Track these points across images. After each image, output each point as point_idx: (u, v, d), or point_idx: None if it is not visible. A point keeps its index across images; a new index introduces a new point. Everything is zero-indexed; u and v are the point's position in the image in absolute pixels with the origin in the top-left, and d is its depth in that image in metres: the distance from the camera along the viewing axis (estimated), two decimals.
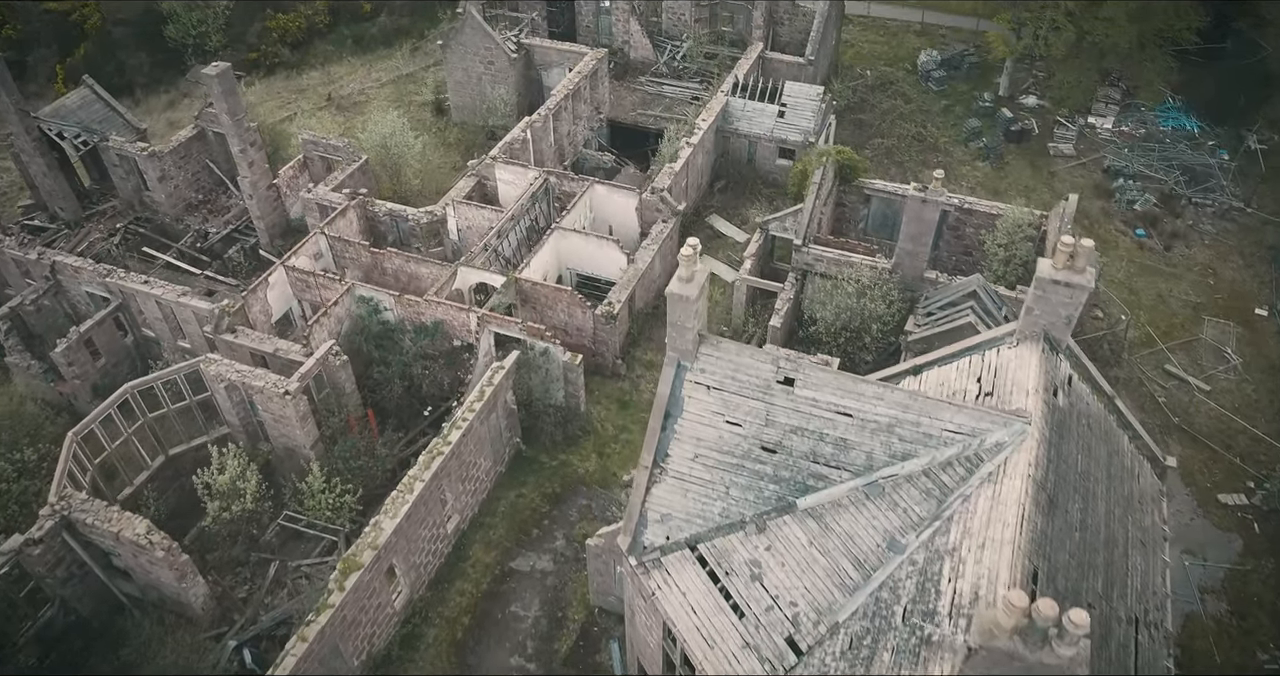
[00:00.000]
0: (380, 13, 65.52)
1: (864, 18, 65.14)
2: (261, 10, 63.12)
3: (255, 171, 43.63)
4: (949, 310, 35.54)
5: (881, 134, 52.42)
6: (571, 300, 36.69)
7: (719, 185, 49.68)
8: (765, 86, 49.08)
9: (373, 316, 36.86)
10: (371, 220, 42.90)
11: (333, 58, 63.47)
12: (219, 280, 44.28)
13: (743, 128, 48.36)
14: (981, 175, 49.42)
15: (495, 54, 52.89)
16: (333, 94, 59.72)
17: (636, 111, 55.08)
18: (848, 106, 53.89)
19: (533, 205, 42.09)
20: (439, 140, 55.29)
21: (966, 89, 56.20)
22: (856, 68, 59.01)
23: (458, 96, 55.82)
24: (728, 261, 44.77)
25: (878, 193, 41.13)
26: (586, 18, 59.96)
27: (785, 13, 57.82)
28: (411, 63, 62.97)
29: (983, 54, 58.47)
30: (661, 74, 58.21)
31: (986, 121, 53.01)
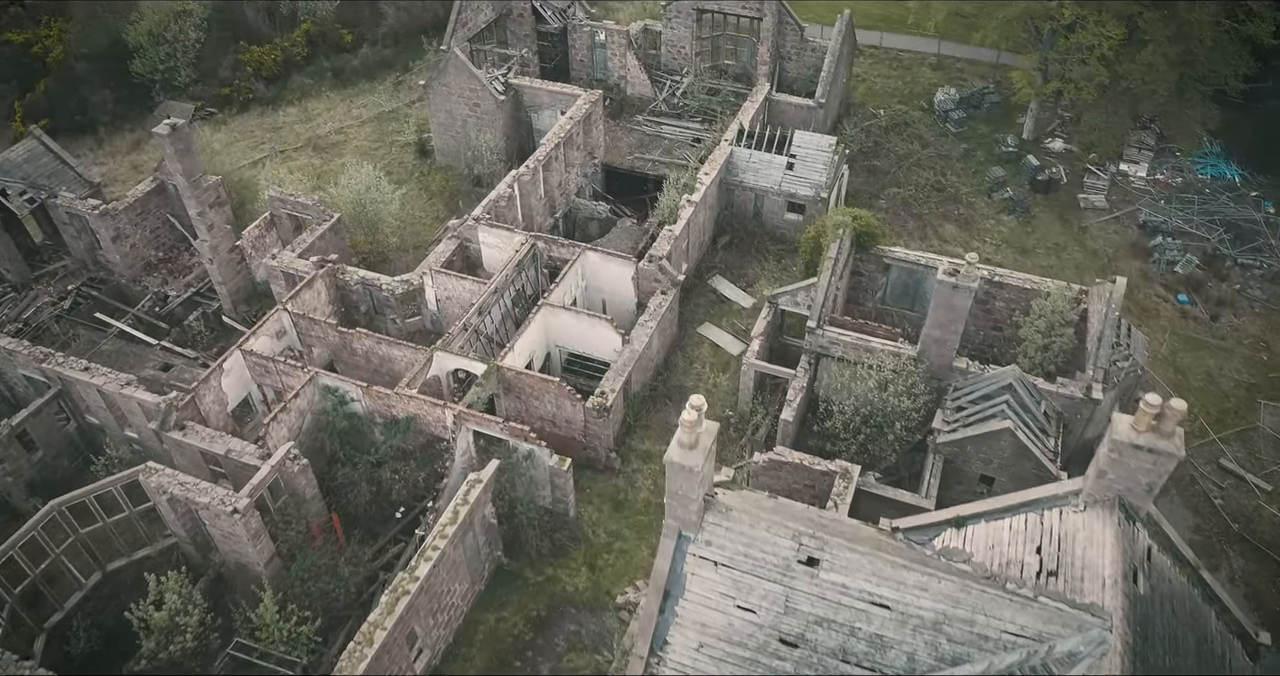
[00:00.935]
0: (362, 44, 61.70)
1: (875, 49, 61.31)
2: (234, 43, 59.28)
3: (216, 234, 39.82)
4: (982, 405, 31.78)
5: (897, 182, 48.61)
6: (560, 392, 32.90)
7: (723, 241, 45.87)
8: (773, 135, 45.30)
9: (339, 409, 33.08)
10: (343, 289, 39.11)
11: (311, 92, 59.64)
12: (176, 351, 40.46)
13: (748, 180, 44.57)
14: (1007, 231, 45.61)
15: (481, 96, 49.08)
16: (311, 136, 55.90)
17: (634, 155, 51.30)
18: (860, 151, 50.07)
19: (519, 274, 38.30)
20: (421, 186, 51.50)
21: (988, 131, 52.38)
22: (869, 106, 55.20)
23: (441, 139, 52.02)
24: (732, 330, 40.99)
25: (898, 262, 37.34)
26: (580, 52, 56.18)
27: (793, 47, 54.06)
28: (394, 98, 59.16)
29: (1004, 91, 54.70)
30: (660, 112, 54.44)
31: (1010, 167, 49.21)
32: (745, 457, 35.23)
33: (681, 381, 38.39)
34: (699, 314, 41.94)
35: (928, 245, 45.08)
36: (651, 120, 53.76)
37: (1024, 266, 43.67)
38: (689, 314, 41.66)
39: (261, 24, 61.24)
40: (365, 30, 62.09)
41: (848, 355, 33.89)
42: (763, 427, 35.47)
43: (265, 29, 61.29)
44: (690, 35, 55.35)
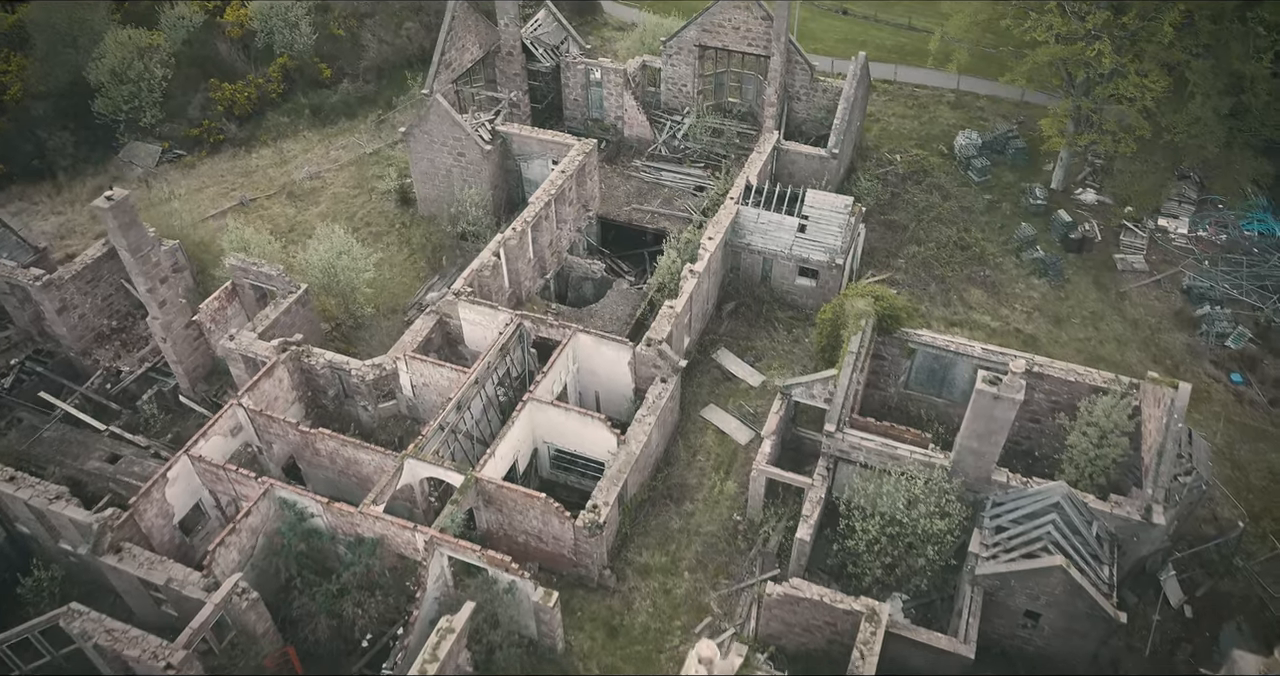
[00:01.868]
0: (342, 79, 57.90)
1: (889, 84, 57.52)
2: (204, 80, 55.47)
3: (169, 311, 36.02)
4: (1025, 526, 27.98)
5: (917, 239, 44.79)
6: (546, 508, 29.08)
7: (728, 308, 42.04)
8: (782, 192, 41.51)
9: (297, 526, 29.27)
10: (308, 373, 35.30)
11: (287, 132, 55.79)
12: (127, 438, 36.67)
13: (756, 243, 40.77)
14: (1039, 296, 41.78)
15: (466, 145, 45.28)
16: (285, 182, 52.06)
17: (631, 206, 47.50)
18: (877, 204, 46.26)
19: (503, 358, 34.48)
20: (401, 239, 47.71)
21: (1013, 179, 48.55)
22: (883, 149, 51.38)
23: (424, 188, 48.22)
24: (740, 414, 37.17)
25: (925, 347, 33.53)
26: (575, 91, 52.37)
27: (802, 87, 50.27)
28: (376, 138, 55.35)
29: (1028, 133, 50.89)
30: (660, 155, 50.64)
31: (1039, 222, 45.40)
32: (755, 571, 31.49)
33: (683, 477, 34.57)
34: (702, 393, 38.13)
35: (952, 312, 41.27)
36: (650, 166, 49.97)
37: (1058, 338, 39.90)
38: (691, 394, 37.86)
39: (235, 59, 57.45)
40: (345, 64, 58.31)
41: (871, 461, 30.11)
42: (774, 537, 31.68)
43: (239, 64, 57.50)
44: (692, 73, 51.62)
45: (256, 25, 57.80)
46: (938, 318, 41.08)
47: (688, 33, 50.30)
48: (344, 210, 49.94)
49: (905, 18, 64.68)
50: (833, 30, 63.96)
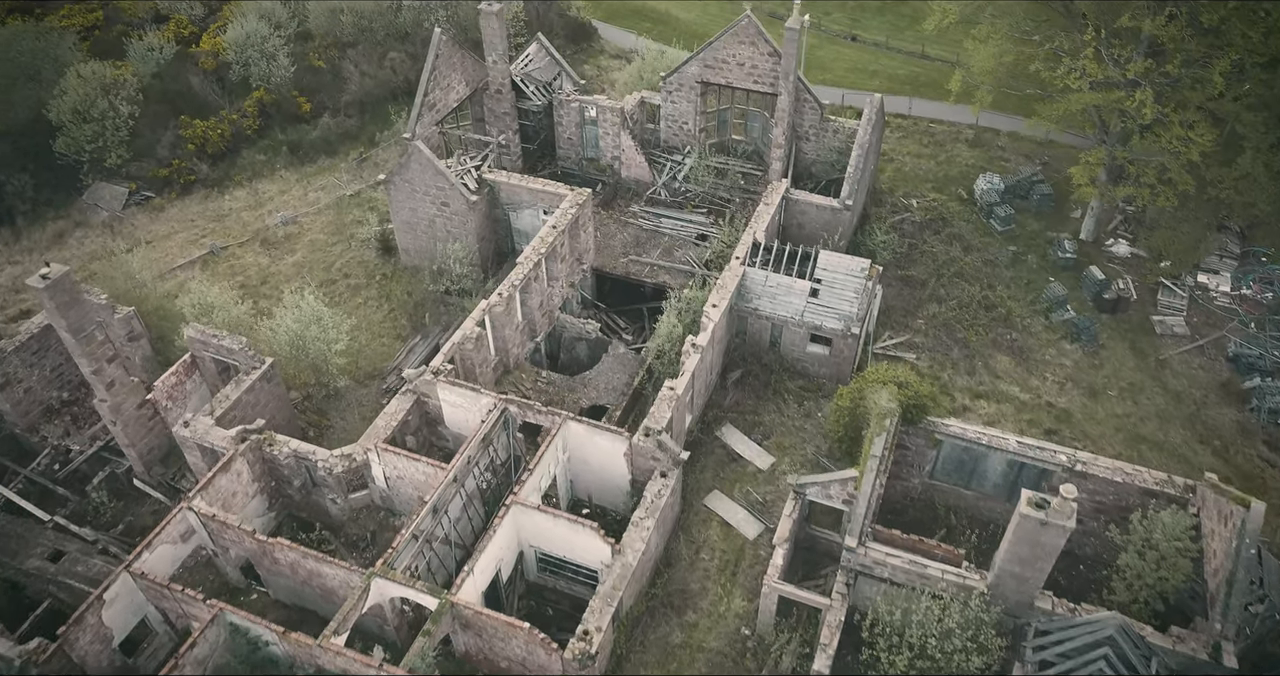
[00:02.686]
0: (322, 113, 54.56)
1: (903, 119, 54.18)
2: (174, 116, 52.12)
3: (119, 392, 32.68)
4: (1075, 660, 24.64)
5: (937, 297, 41.45)
6: (530, 638, 25.71)
7: (733, 376, 38.69)
8: (793, 251, 38.20)
9: (250, 656, 25.92)
10: (271, 462, 31.95)
11: (262, 171, 52.46)
12: (72, 531, 33.35)
13: (764, 308, 37.43)
14: (1071, 365, 38.43)
15: (450, 195, 41.96)
16: (260, 228, 48.74)
17: (629, 257, 44.15)
18: (894, 257, 42.91)
19: (485, 449, 31.13)
20: (382, 293, 44.35)
21: (1039, 227, 45.20)
22: (899, 192, 48.03)
23: (406, 238, 44.89)
24: (747, 503, 33.83)
25: (953, 439, 30.19)
26: (568, 129, 49.01)
27: (812, 127, 46.91)
28: (357, 178, 52.00)
29: (1053, 175, 47.59)
30: (660, 199, 47.34)
31: (1068, 277, 42.07)
32: None
33: (685, 582, 31.21)
34: (706, 478, 34.78)
35: (977, 382, 37.92)
36: (649, 212, 46.65)
37: (1094, 414, 36.54)
38: (694, 479, 34.52)
39: (208, 92, 54.12)
40: (326, 98, 54.98)
41: (897, 578, 26.78)
42: (787, 659, 28.31)
43: (212, 98, 54.17)
44: (693, 110, 48.30)
45: (231, 56, 54.46)
46: (962, 388, 37.74)
47: (689, 69, 46.99)
48: (320, 260, 46.62)
49: (918, 45, 61.35)
50: (842, 59, 60.64)
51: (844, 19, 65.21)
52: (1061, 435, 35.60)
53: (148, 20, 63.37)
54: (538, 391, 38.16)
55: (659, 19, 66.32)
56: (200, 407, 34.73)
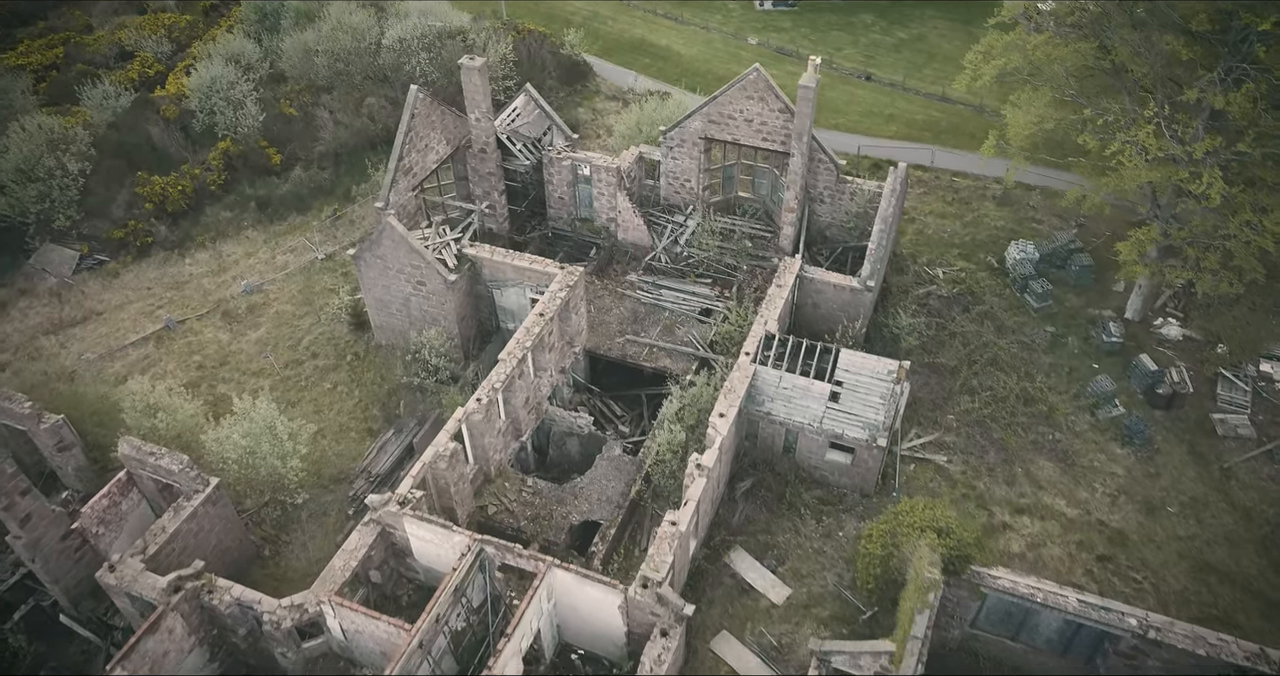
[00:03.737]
0: (294, 165, 50.26)
1: (924, 171, 49.88)
2: (131, 172, 47.83)
3: (36, 526, 28.44)
4: None
5: (970, 389, 37.16)
6: None
7: (743, 487, 34.42)
8: (811, 346, 33.92)
9: None
10: (211, 611, 27.66)
11: (227, 230, 48.19)
12: None
13: (778, 412, 33.17)
14: (1123, 473, 34.14)
15: (426, 274, 37.74)
16: (222, 297, 44.48)
17: (625, 336, 39.90)
18: (920, 342, 38.62)
19: (458, 601, 26.84)
20: (353, 376, 40.14)
21: (1079, 304, 40.88)
22: (923, 259, 43.73)
23: (379, 316, 40.68)
24: (760, 648, 29.52)
25: (1001, 594, 25.91)
26: (559, 188, 44.76)
27: (827, 187, 42.70)
28: (331, 238, 47.75)
29: (1088, 236, 43.29)
30: (660, 266, 43.14)
31: (1114, 364, 37.79)
32: None
33: None
34: (714, 614, 30.50)
35: (1018, 493, 33.66)
36: (648, 281, 42.41)
37: (1153, 535, 32.25)
38: (700, 615, 30.23)
39: (170, 143, 49.83)
40: (298, 148, 50.69)
41: None
42: None
43: (175, 149, 49.87)
44: (696, 167, 44.06)
45: (195, 104, 50.20)
46: (1000, 500, 33.45)
47: (691, 123, 42.76)
48: (287, 336, 42.39)
49: (938, 86, 57.06)
50: (856, 101, 56.35)
51: (857, 56, 60.93)
52: (1117, 562, 31.31)
53: (112, 57, 59.32)
54: (523, 504, 33.90)
55: (659, 55, 62.08)
56: (142, 530, 30.53)
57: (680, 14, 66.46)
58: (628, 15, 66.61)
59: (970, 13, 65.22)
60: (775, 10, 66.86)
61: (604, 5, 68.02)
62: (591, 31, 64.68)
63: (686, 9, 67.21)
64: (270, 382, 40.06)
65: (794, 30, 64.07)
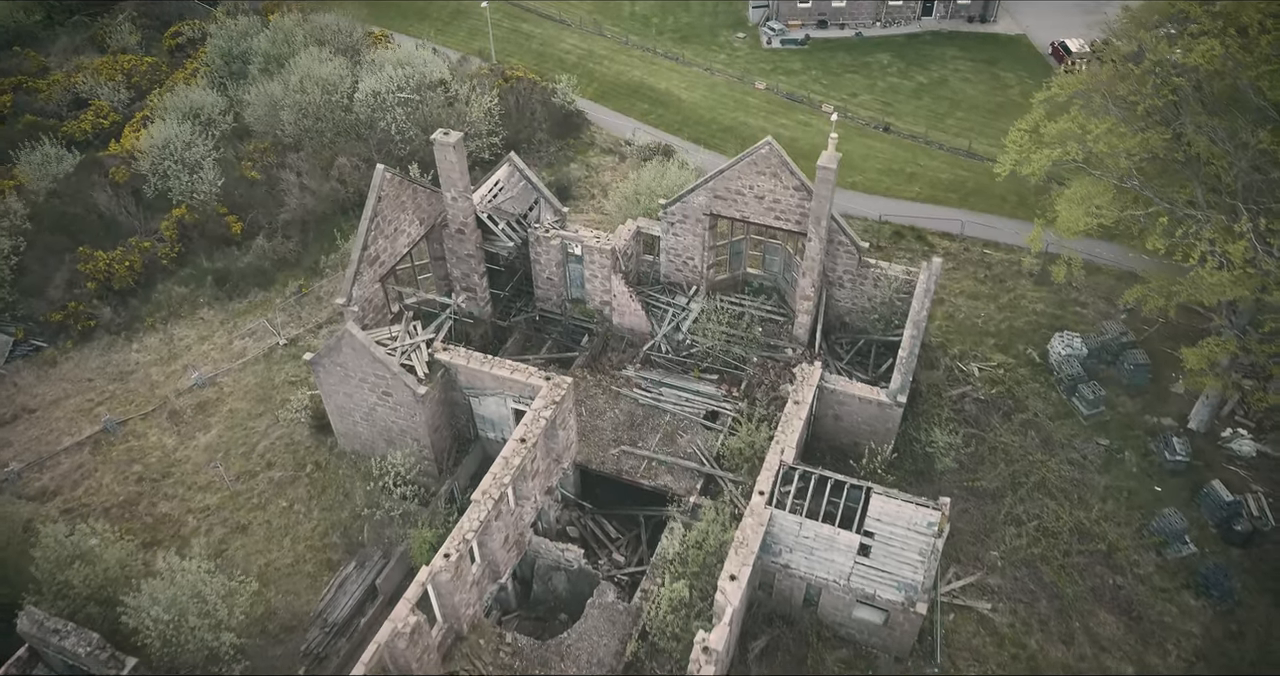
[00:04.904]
0: (256, 234, 45.52)
1: (951, 239, 45.20)
2: (73, 247, 43.12)
3: None
4: None
5: (1015, 518, 32.44)
6: None
7: (757, 646, 29.62)
8: (838, 482, 29.15)
9: None
10: None
11: (181, 309, 43.45)
12: None
13: (799, 565, 28.42)
14: (1199, 630, 29.38)
15: (393, 385, 33.00)
16: (169, 393, 39.75)
17: (620, 447, 35.19)
18: (957, 460, 33.87)
19: None
20: (312, 491, 35.47)
21: (1133, 409, 36.16)
22: (954, 351, 39.02)
23: (342, 423, 35.98)
24: None
25: None
26: (548, 268, 40.07)
27: (846, 271, 38.04)
28: (295, 319, 43.03)
29: (1138, 324, 38.54)
30: (659, 357, 38.48)
31: (1180, 487, 33.06)
32: None
33: None
34: None
35: (1077, 656, 28.91)
36: (646, 379, 37.71)
37: None
38: None
39: (119, 211, 45.11)
40: (261, 215, 45.96)
41: None
42: None
43: (124, 217, 45.15)
44: (700, 245, 39.39)
45: (146, 167, 45.49)
46: (1056, 663, 28.72)
47: (695, 198, 38.14)
48: (240, 440, 37.69)
49: (963, 139, 52.37)
50: (874, 156, 51.63)
51: (874, 103, 56.19)
52: None
53: (65, 105, 54.67)
54: (500, 667, 29.15)
55: (658, 100, 57.40)
56: None
57: (681, 54, 61.77)
58: (625, 55, 61.94)
59: (994, 52, 60.71)
60: (784, 49, 62.20)
61: (599, 43, 63.37)
62: (586, 73, 60.12)
63: (688, 48, 62.54)
64: (218, 500, 35.40)
65: (804, 73, 59.36)
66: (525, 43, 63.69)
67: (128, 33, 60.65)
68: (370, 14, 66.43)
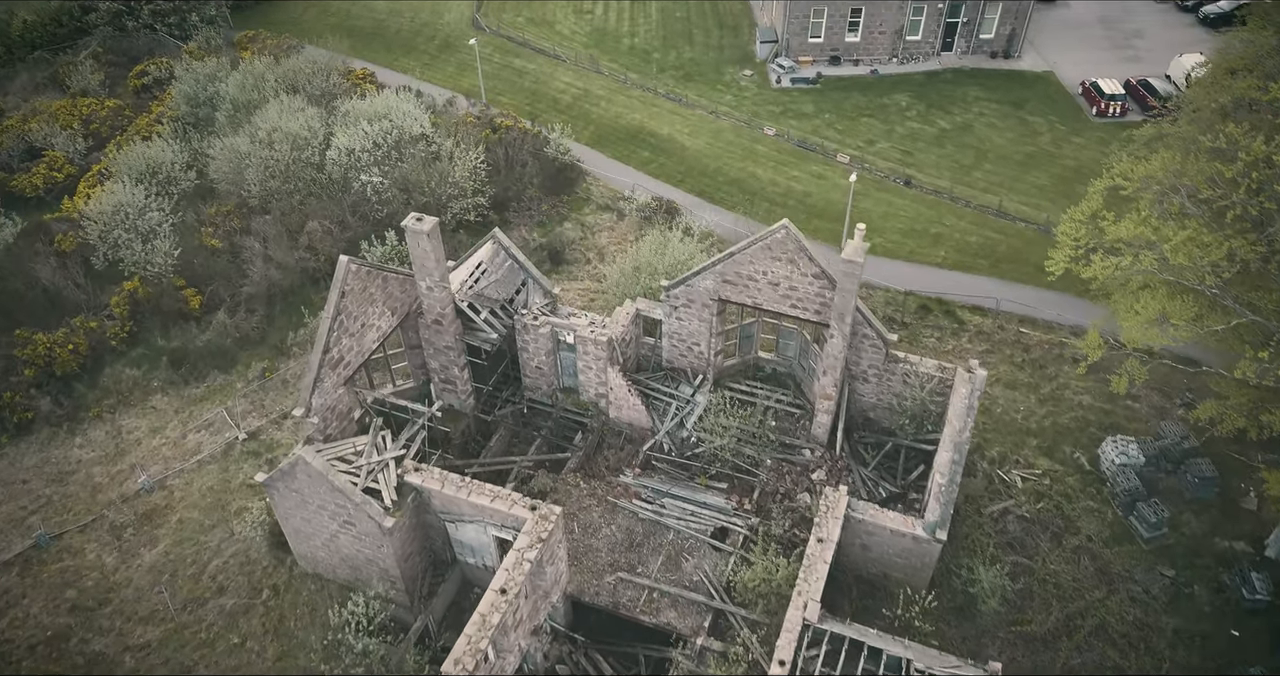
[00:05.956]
0: (218, 308, 41.25)
1: (983, 316, 40.89)
2: (9, 328, 38.87)
3: None
4: None
5: (1072, 669, 28.10)
6: None
7: None
8: (873, 650, 24.88)
9: None
10: None
11: (132, 394, 39.23)
12: None
13: None
14: None
15: (356, 515, 28.74)
16: (111, 499, 35.51)
17: (617, 575, 30.97)
18: (1004, 599, 29.53)
19: None
20: (268, 625, 31.18)
21: (1201, 530, 31.86)
22: (991, 453, 34.73)
23: (302, 546, 31.74)
24: None
25: None
26: (536, 357, 35.85)
27: (872, 366, 33.83)
28: (258, 408, 38.77)
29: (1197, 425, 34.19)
30: (662, 455, 34.36)
31: (1262, 628, 28.78)
32: None
33: None
34: None
35: None
36: (646, 487, 33.51)
37: None
38: None
39: (65, 284, 40.87)
40: (222, 287, 41.68)
41: None
42: None
43: (70, 292, 40.91)
44: (707, 330, 35.17)
45: (94, 234, 41.25)
46: None
47: (701, 282, 33.97)
48: (189, 558, 33.50)
49: (992, 195, 48.06)
50: (894, 214, 47.34)
51: (893, 152, 51.89)
52: None
53: (16, 156, 50.47)
54: None
55: (660, 146, 53.15)
56: None
57: (684, 94, 57.51)
58: (624, 95, 57.68)
59: (1020, 93, 56.49)
60: (794, 88, 57.92)
61: (596, 82, 59.11)
62: (581, 114, 55.90)
63: (691, 87, 58.28)
64: (161, 634, 31.19)
65: (817, 116, 55.07)
66: (517, 80, 59.46)
67: (89, 72, 56.40)
68: (353, 47, 62.29)
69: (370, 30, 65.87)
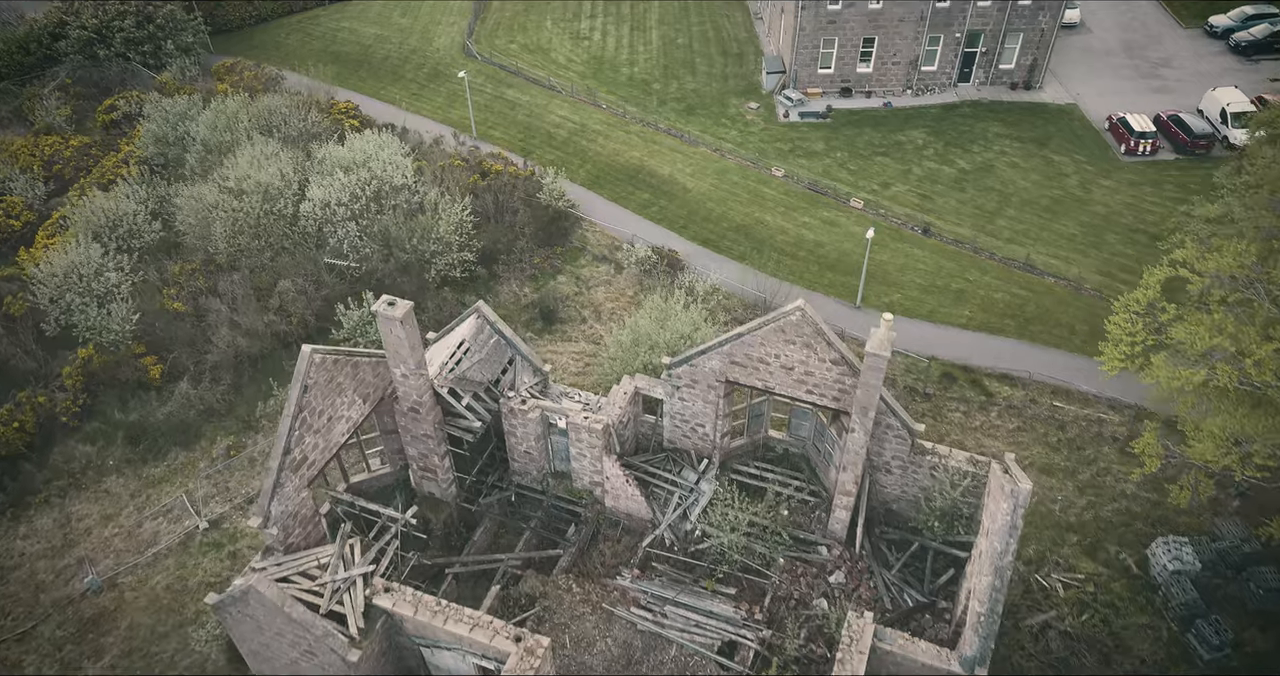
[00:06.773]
0: (179, 377, 37.90)
1: (1013, 387, 37.52)
2: None
3: None
4: None
5: None
6: None
7: None
8: None
9: None
10: None
11: (84, 476, 35.89)
12: None
13: None
14: None
15: (317, 646, 25.38)
16: (59, 598, 32.16)
17: None
18: None
19: None
20: None
21: (1267, 647, 28.49)
22: (1027, 551, 31.36)
23: (261, 666, 28.33)
24: None
25: None
26: (525, 441, 32.47)
27: (895, 457, 30.46)
28: (222, 491, 35.46)
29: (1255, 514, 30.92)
30: (662, 552, 31.06)
31: None
32: None
33: None
34: None
35: None
36: (644, 593, 30.15)
37: None
38: None
39: (13, 354, 37.52)
40: (185, 355, 38.31)
41: None
42: None
43: (18, 361, 37.57)
44: (713, 412, 31.82)
45: (45, 300, 37.91)
46: None
47: (707, 362, 30.61)
48: (141, 670, 30.06)
49: (1018, 245, 44.71)
50: (913, 267, 43.96)
51: (910, 196, 48.53)
52: None
53: None
54: None
55: (660, 188, 49.80)
56: None
57: (686, 130, 54.15)
58: (622, 131, 54.34)
59: (1043, 129, 53.14)
60: (803, 123, 54.58)
61: (593, 116, 55.77)
62: (577, 151, 52.59)
63: (694, 122, 54.93)
64: None
65: (828, 155, 51.70)
66: (509, 113, 56.15)
67: (55, 106, 53.05)
68: (338, 75, 59.15)
69: (356, 57, 62.60)
